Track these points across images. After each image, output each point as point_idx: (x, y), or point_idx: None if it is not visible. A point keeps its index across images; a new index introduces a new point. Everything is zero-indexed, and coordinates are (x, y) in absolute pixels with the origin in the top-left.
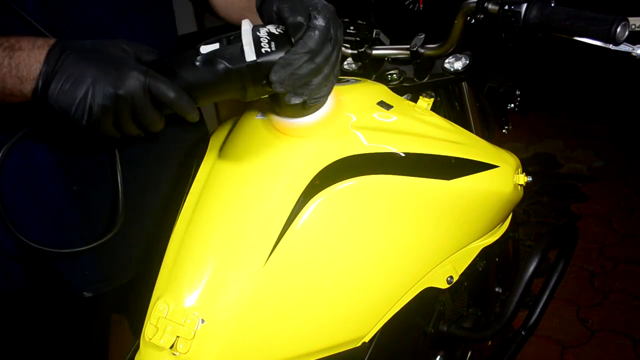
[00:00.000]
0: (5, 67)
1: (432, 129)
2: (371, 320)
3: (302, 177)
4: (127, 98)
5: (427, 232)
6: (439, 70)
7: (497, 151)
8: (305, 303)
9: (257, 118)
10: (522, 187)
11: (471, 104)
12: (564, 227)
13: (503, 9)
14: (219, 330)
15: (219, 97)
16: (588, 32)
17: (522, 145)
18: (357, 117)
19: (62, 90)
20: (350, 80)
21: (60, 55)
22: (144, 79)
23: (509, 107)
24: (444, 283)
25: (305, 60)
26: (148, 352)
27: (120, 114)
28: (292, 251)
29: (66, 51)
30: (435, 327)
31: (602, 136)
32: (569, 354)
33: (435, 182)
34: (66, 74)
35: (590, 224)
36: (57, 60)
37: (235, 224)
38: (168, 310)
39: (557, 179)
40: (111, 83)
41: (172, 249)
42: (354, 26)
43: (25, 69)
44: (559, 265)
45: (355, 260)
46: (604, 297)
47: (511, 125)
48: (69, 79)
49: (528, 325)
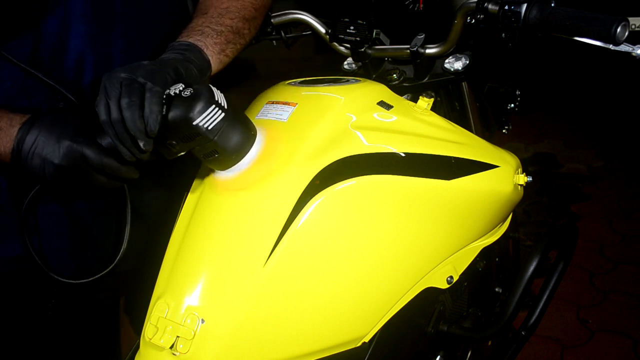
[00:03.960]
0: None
1: (432, 129)
2: (371, 320)
3: (302, 177)
4: (67, 167)
5: (427, 232)
6: (439, 70)
7: (497, 151)
8: (305, 303)
9: (257, 118)
10: (522, 187)
11: (471, 104)
12: (564, 227)
13: (503, 9)
14: (219, 330)
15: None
16: (588, 32)
17: (522, 145)
18: (357, 117)
19: (27, 162)
20: (350, 80)
21: (26, 133)
22: (79, 151)
23: (509, 107)
24: (444, 283)
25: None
26: (148, 352)
27: (72, 178)
28: (292, 251)
29: (31, 130)
30: (435, 327)
31: (602, 136)
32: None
33: (435, 182)
34: (28, 149)
35: (590, 224)
36: (24, 138)
37: (236, 224)
38: (168, 310)
39: (557, 179)
40: (55, 156)
41: (172, 249)
42: (354, 26)
43: (3, 145)
44: (559, 265)
45: (355, 260)
46: (604, 297)
47: (511, 125)
48: (30, 153)
49: (528, 325)
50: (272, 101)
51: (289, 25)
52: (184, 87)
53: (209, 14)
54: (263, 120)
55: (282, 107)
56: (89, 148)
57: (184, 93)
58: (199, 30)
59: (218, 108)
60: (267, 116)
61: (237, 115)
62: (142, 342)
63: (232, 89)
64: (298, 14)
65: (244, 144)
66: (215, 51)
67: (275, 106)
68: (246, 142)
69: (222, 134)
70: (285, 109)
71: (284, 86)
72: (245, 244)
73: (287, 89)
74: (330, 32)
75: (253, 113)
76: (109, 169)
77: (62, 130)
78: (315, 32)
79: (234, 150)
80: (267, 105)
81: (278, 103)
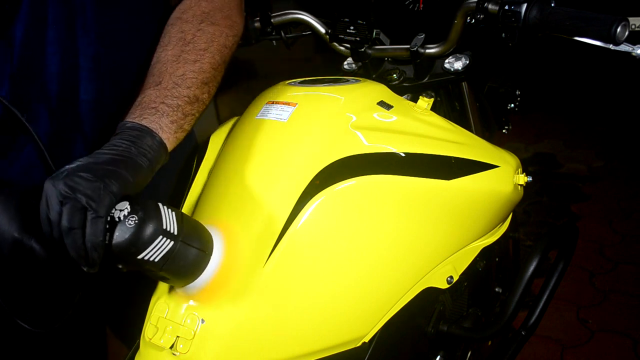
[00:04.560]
0: None
1: (432, 129)
2: (371, 320)
3: (302, 177)
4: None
5: (427, 232)
6: (439, 70)
7: (497, 151)
8: (305, 303)
9: (257, 118)
10: (522, 187)
11: (471, 104)
12: (564, 227)
13: (503, 9)
14: (219, 330)
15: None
16: (588, 32)
17: (522, 145)
18: (357, 117)
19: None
20: (350, 80)
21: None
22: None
23: (509, 107)
24: (444, 283)
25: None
26: (148, 352)
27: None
28: (292, 251)
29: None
30: (435, 327)
31: (602, 136)
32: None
33: (435, 182)
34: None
35: (590, 224)
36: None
37: (235, 224)
38: (168, 310)
39: (557, 179)
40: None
41: None
42: (354, 26)
43: None
44: (559, 265)
45: (355, 260)
46: (604, 297)
47: (511, 125)
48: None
49: (528, 325)
50: (272, 101)
51: (289, 25)
52: (129, 213)
53: (163, 85)
54: (263, 121)
55: (282, 107)
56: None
57: (128, 222)
58: (152, 108)
59: (166, 237)
60: (267, 116)
61: (189, 236)
62: (142, 342)
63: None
64: (298, 14)
65: (197, 267)
66: (171, 131)
67: (275, 106)
68: (200, 263)
69: (171, 263)
70: (285, 109)
71: (284, 86)
72: (245, 244)
73: (287, 89)
74: (330, 32)
75: (253, 113)
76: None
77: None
78: (315, 32)
79: (185, 275)
80: (267, 105)
81: (278, 103)
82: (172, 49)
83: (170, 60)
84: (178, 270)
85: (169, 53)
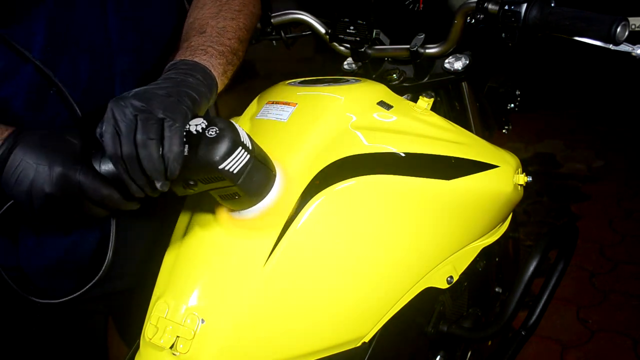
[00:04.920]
0: None
1: (432, 129)
2: (371, 320)
3: (302, 177)
4: (59, 197)
5: (427, 232)
6: (439, 70)
7: (497, 151)
8: (305, 303)
9: (257, 118)
10: (522, 187)
11: (471, 104)
12: (564, 227)
13: (503, 9)
14: (219, 330)
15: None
16: (588, 32)
17: (522, 145)
18: (357, 117)
19: (10, 184)
20: (350, 80)
21: (9, 152)
22: (76, 180)
23: (509, 107)
24: (444, 283)
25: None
26: (148, 352)
27: (60, 208)
28: (292, 251)
29: (16, 146)
30: (435, 327)
31: (602, 136)
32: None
33: (435, 182)
34: (12, 169)
35: (590, 224)
36: (6, 158)
37: (235, 224)
38: (168, 310)
39: (557, 179)
40: (46, 183)
41: (172, 249)
42: (354, 26)
43: None
44: (559, 265)
45: (355, 260)
46: (604, 297)
47: (511, 125)
48: (14, 175)
49: (528, 325)
50: (272, 101)
51: (289, 25)
52: (207, 126)
53: (207, 33)
54: (263, 121)
55: (282, 107)
56: (87, 178)
57: (209, 133)
58: (202, 50)
59: (244, 150)
60: (267, 116)
61: (261, 154)
62: (142, 342)
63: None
64: (298, 14)
65: (266, 186)
66: (220, 72)
67: (275, 106)
68: (268, 183)
69: (246, 177)
70: (286, 109)
71: (284, 86)
72: (245, 244)
73: (287, 89)
74: (330, 32)
75: (253, 113)
76: (109, 201)
77: (54, 153)
78: (315, 32)
79: (255, 193)
80: (267, 105)
81: (278, 103)
82: (210, 8)
83: (209, 16)
84: (251, 186)
85: (207, 11)
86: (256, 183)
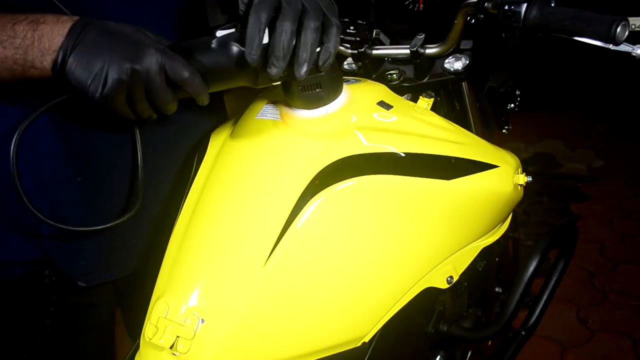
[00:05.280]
0: (29, 39)
1: (432, 129)
2: (371, 320)
3: (302, 177)
4: (142, 73)
5: (427, 232)
6: (439, 70)
7: (497, 151)
8: (305, 303)
9: (257, 118)
10: (522, 187)
11: (471, 104)
12: (564, 227)
13: (503, 9)
14: (219, 330)
15: (231, 82)
16: (588, 32)
17: (522, 145)
18: (357, 117)
19: (80, 63)
20: (350, 80)
21: (82, 30)
22: (160, 57)
23: (509, 107)
24: (444, 283)
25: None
26: (148, 352)
27: (134, 89)
28: (292, 251)
29: (88, 27)
30: (435, 327)
31: (602, 136)
32: (569, 354)
33: (435, 182)
34: (85, 48)
35: (590, 224)
36: (79, 34)
37: (235, 224)
38: (168, 310)
39: (557, 179)
40: (127, 58)
41: (172, 248)
42: (354, 26)
43: (48, 41)
44: (559, 265)
45: (355, 260)
46: (604, 297)
47: (511, 125)
48: (88, 54)
49: (528, 325)
50: (272, 101)
51: None
52: None
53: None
54: (263, 120)
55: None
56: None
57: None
58: None
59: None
60: (267, 116)
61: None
62: (142, 342)
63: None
64: None
65: (339, 87)
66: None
67: (275, 106)
68: (340, 85)
69: (330, 70)
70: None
71: None
72: (245, 243)
73: None
74: None
75: (253, 113)
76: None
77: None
78: None
79: (333, 89)
80: (267, 106)
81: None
82: None
83: None
84: (332, 81)
85: None
86: (336, 79)
